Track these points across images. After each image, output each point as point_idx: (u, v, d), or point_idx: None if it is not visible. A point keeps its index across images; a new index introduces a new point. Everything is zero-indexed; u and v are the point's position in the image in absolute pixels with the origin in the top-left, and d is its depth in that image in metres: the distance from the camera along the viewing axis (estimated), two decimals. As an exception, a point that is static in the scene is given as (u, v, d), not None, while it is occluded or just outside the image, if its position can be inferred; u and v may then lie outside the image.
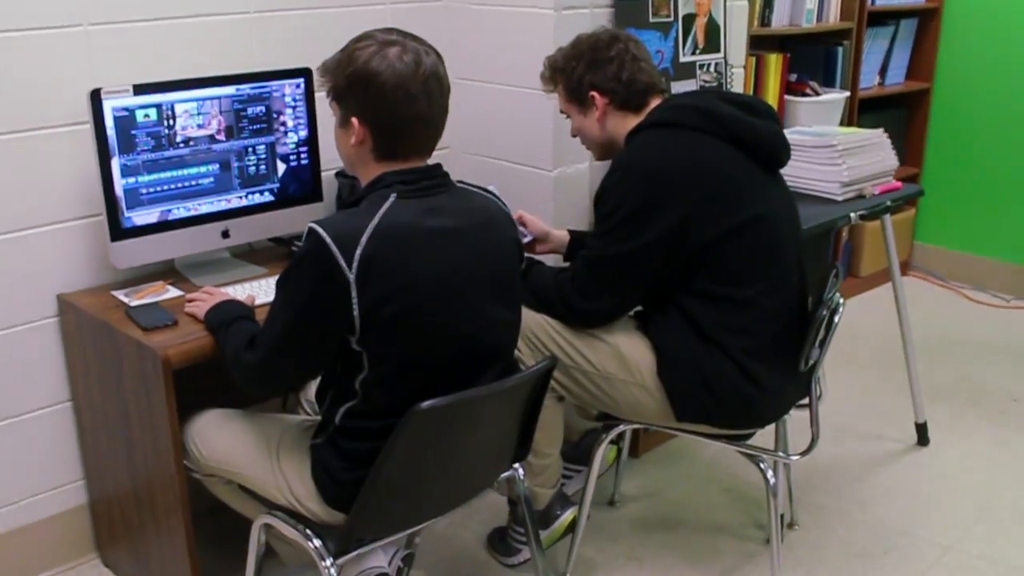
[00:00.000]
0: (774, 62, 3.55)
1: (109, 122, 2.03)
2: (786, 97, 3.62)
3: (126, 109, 2.05)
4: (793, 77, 3.67)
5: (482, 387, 1.59)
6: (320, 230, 1.53)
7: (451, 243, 1.60)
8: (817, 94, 3.64)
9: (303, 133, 2.33)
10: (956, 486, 2.72)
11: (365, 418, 1.62)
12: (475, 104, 2.74)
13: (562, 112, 2.23)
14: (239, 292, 2.10)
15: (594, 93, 2.10)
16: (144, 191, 2.11)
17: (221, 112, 2.19)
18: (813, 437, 2.08)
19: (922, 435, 2.93)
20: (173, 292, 2.15)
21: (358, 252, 1.51)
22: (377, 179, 1.62)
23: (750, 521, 2.57)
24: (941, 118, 4.31)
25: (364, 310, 1.52)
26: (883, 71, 4.21)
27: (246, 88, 2.21)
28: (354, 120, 1.62)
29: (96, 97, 2.00)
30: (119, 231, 2.08)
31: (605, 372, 2.05)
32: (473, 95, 2.73)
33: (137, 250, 2.13)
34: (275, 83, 2.25)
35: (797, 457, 2.09)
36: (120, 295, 2.14)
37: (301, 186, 2.36)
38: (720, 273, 1.97)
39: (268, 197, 2.31)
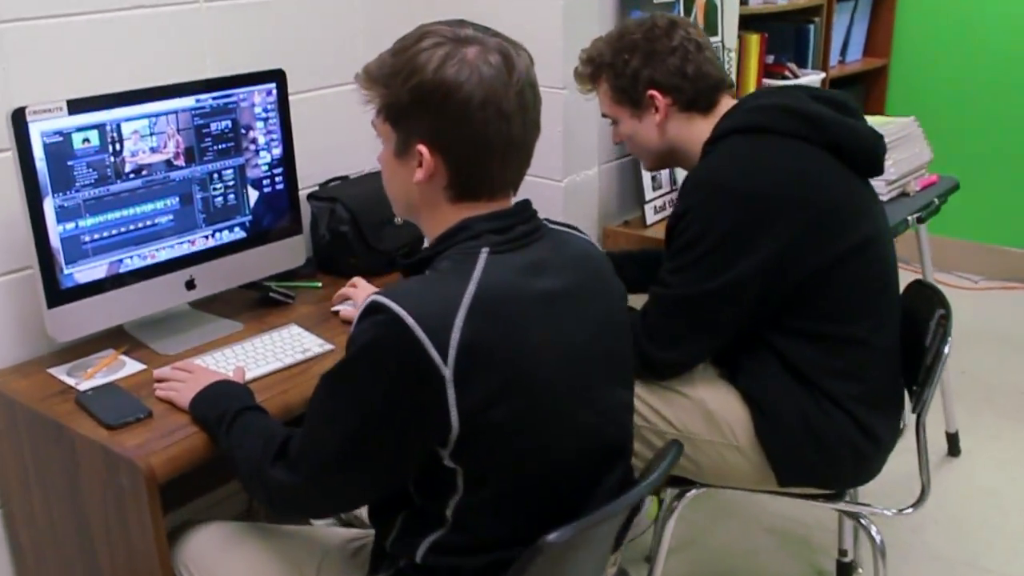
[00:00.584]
0: (754, 43, 3.25)
1: (38, 151, 1.53)
2: (765, 81, 3.34)
3: (59, 133, 1.55)
4: (770, 59, 3.39)
5: (617, 503, 1.20)
6: (397, 308, 1.11)
7: (563, 310, 1.20)
8: (796, 76, 3.37)
9: (277, 151, 1.87)
10: (1007, 504, 2.51)
11: (459, 553, 1.20)
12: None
13: (605, 116, 1.85)
14: (222, 363, 1.64)
15: (654, 92, 1.73)
16: (87, 239, 1.62)
17: (179, 130, 1.71)
18: (923, 488, 1.79)
19: (953, 445, 2.72)
20: (132, 365, 1.67)
21: (455, 337, 1.10)
22: (458, 228, 1.21)
23: (804, 565, 2.29)
24: (898, 96, 4.15)
25: (465, 416, 1.11)
26: (844, 49, 4.00)
27: (208, 99, 1.74)
28: (422, 148, 1.20)
29: (19, 119, 1.50)
30: (57, 293, 1.59)
31: (688, 432, 1.70)
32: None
33: (82, 317, 1.63)
34: (242, 90, 1.79)
35: (910, 511, 1.79)
36: (62, 374, 1.64)
37: (277, 217, 1.90)
38: (823, 308, 1.63)
39: (239, 234, 1.84)
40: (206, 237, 1.79)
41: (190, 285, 1.77)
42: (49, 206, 1.55)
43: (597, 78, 1.80)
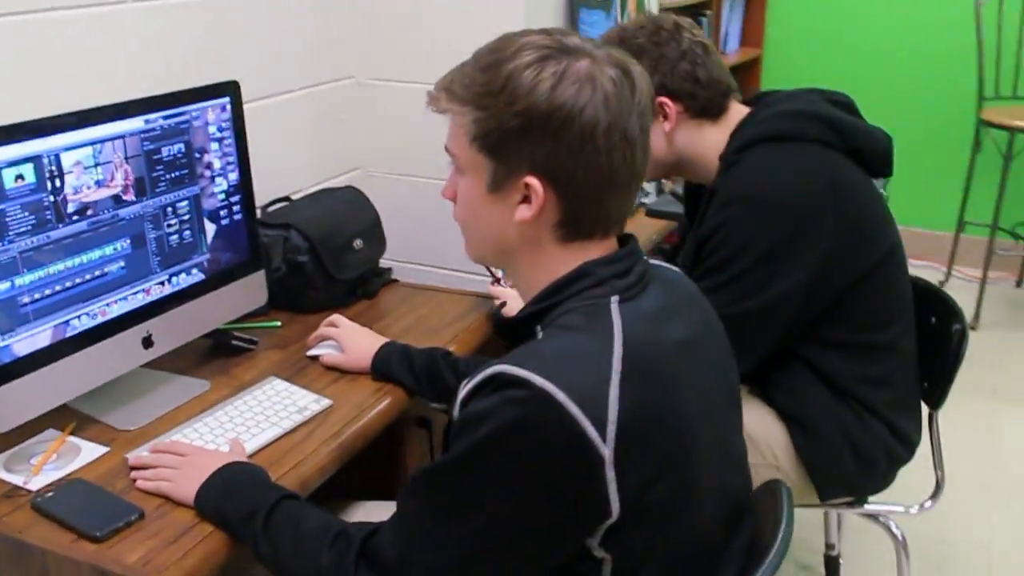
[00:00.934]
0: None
1: (-37, 195, 1.20)
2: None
3: (-13, 170, 1.22)
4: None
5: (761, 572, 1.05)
6: (543, 382, 0.90)
7: (696, 361, 1.03)
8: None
9: (233, 176, 1.59)
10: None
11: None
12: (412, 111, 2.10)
13: None
14: (207, 436, 1.37)
15: (664, 99, 1.58)
16: (26, 300, 1.29)
17: (127, 159, 1.40)
18: (938, 482, 1.76)
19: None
20: (90, 449, 1.35)
21: (612, 411, 0.91)
22: (577, 274, 1.01)
23: (788, 561, 2.24)
24: (770, 86, 4.22)
25: (626, 499, 0.92)
26: (725, 40, 4.02)
27: (158, 119, 1.44)
28: (532, 181, 0.99)
29: (-62, 156, 1.17)
30: (-6, 371, 1.26)
31: (732, 462, 1.58)
32: (406, 98, 2.09)
33: (25, 398, 1.30)
34: (194, 107, 1.50)
35: (930, 504, 1.75)
36: (1, 473, 1.31)
37: (236, 252, 1.62)
38: (858, 317, 1.56)
39: (197, 276, 1.55)
40: (162, 284, 1.49)
41: (147, 343, 1.47)
42: (-21, 263, 1.23)
43: None
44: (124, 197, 1.40)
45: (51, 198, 1.30)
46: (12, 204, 1.25)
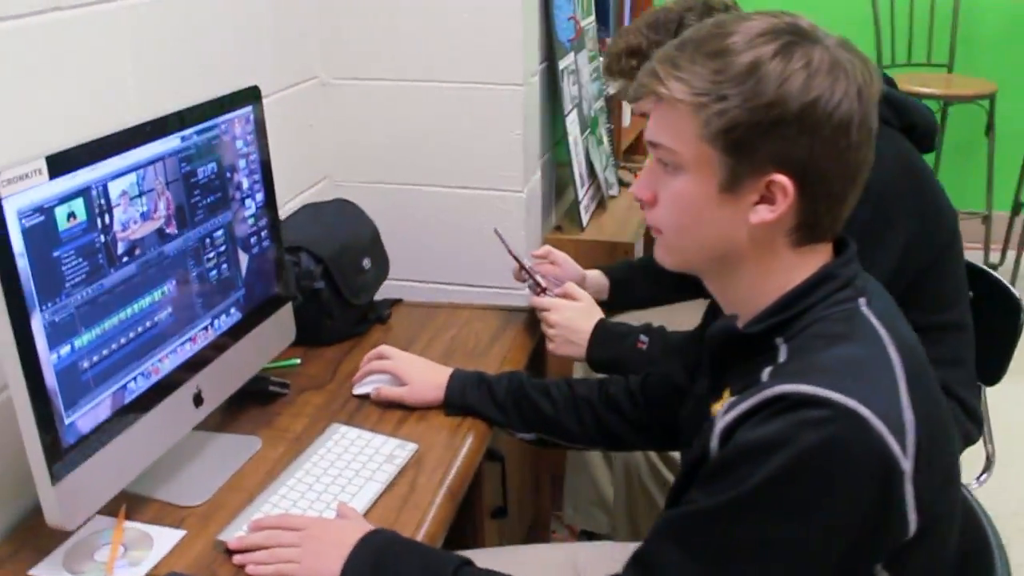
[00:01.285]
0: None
1: (17, 242, 0.95)
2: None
3: (39, 210, 0.98)
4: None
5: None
6: (845, 399, 0.81)
7: (926, 364, 0.98)
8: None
9: (260, 196, 1.38)
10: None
11: None
12: (390, 109, 1.93)
13: (636, 110, 1.60)
14: (300, 502, 1.18)
15: None
16: (86, 364, 1.05)
17: (168, 184, 1.18)
18: (988, 457, 1.80)
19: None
20: (164, 535, 1.13)
21: (908, 423, 0.84)
22: (820, 278, 0.93)
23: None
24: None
25: (920, 513, 0.85)
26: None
27: (192, 135, 1.22)
28: (782, 181, 0.90)
29: (-11, 195, 0.92)
30: (60, 458, 1.01)
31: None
32: (379, 98, 1.91)
33: (93, 482, 1.06)
34: (223, 119, 1.28)
35: (985, 477, 1.78)
36: (64, 577, 1.06)
37: (266, 284, 1.41)
38: (932, 298, 1.55)
39: (235, 315, 1.33)
40: (206, 329, 1.27)
41: (198, 400, 1.25)
42: (38, 326, 0.98)
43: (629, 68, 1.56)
44: (167, 230, 1.18)
45: (102, 238, 1.07)
46: (67, 249, 1.02)
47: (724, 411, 0.88)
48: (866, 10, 3.64)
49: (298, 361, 1.57)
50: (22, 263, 0.96)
